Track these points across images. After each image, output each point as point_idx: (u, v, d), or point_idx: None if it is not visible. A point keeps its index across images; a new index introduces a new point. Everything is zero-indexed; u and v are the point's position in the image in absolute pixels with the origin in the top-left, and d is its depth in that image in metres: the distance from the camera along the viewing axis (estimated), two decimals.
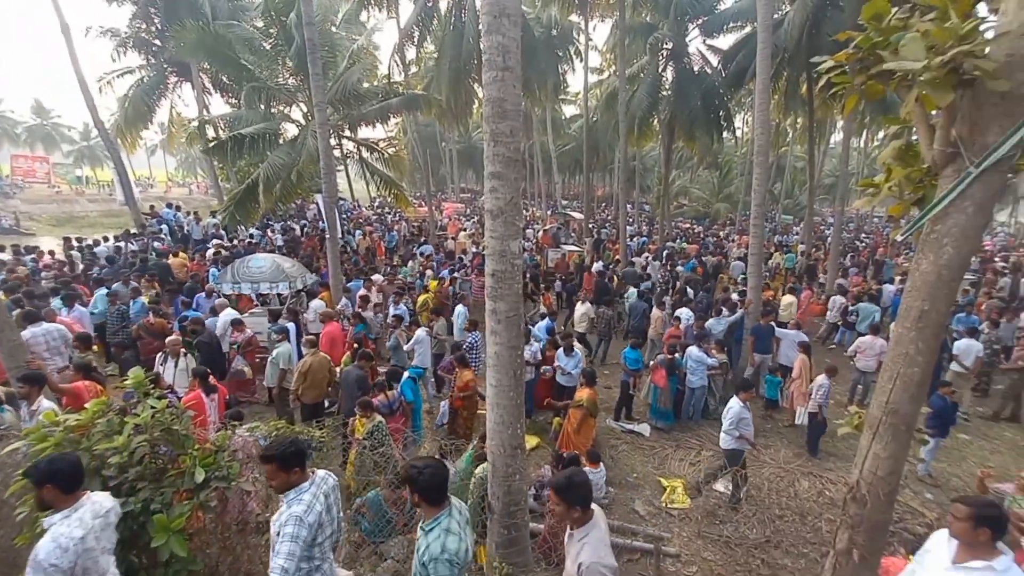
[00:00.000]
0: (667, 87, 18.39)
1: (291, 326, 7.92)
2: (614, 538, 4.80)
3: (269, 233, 17.95)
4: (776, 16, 13.32)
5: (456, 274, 13.23)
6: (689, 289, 12.55)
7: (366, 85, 16.67)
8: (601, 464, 6.05)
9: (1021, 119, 2.19)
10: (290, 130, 15.23)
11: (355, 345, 7.57)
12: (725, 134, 20.04)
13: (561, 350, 7.76)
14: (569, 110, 41.89)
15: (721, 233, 26.79)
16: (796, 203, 37.02)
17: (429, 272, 13.71)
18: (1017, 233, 39.62)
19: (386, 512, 4.46)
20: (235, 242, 15.95)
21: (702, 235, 26.28)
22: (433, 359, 8.50)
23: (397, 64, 18.62)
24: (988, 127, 2.27)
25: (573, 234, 23.65)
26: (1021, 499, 4.14)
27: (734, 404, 6.05)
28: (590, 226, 23.80)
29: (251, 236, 17.15)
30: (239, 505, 3.40)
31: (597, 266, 15.03)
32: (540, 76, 20.62)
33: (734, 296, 10.73)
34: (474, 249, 17.18)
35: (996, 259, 21.02)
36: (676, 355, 7.98)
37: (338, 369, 7.11)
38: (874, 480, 2.93)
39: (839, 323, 11.94)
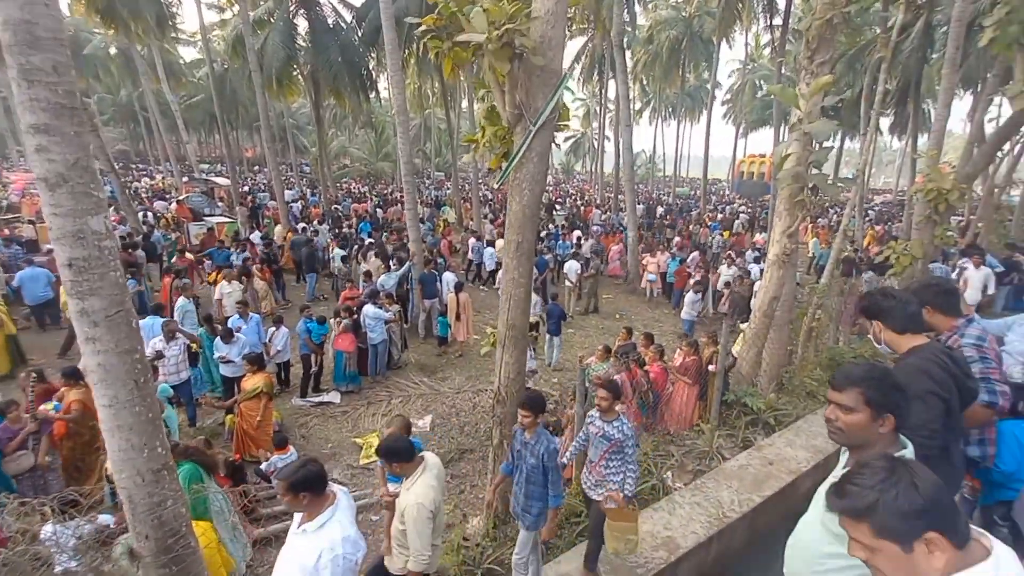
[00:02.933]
0: (305, 38, 17.27)
1: None
2: None
3: None
4: None
5: None
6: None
7: None
8: (291, 447, 5.68)
9: (554, 88, 2.89)
10: None
11: None
12: (372, 94, 20.40)
13: (219, 338, 6.72)
14: (190, 53, 34.78)
15: (387, 191, 27.87)
16: (446, 161, 41.63)
17: None
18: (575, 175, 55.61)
19: None
20: None
21: (368, 195, 26.72)
22: None
23: None
24: (536, 94, 2.94)
25: (221, 203, 20.38)
26: (599, 367, 5.95)
27: None
28: (245, 191, 20.94)
29: None
30: None
31: (255, 236, 13.44)
32: (132, 4, 16.15)
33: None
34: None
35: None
36: (356, 316, 8.04)
37: None
38: (508, 383, 3.65)
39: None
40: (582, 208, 25.42)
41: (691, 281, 10.93)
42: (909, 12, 12.06)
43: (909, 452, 1.51)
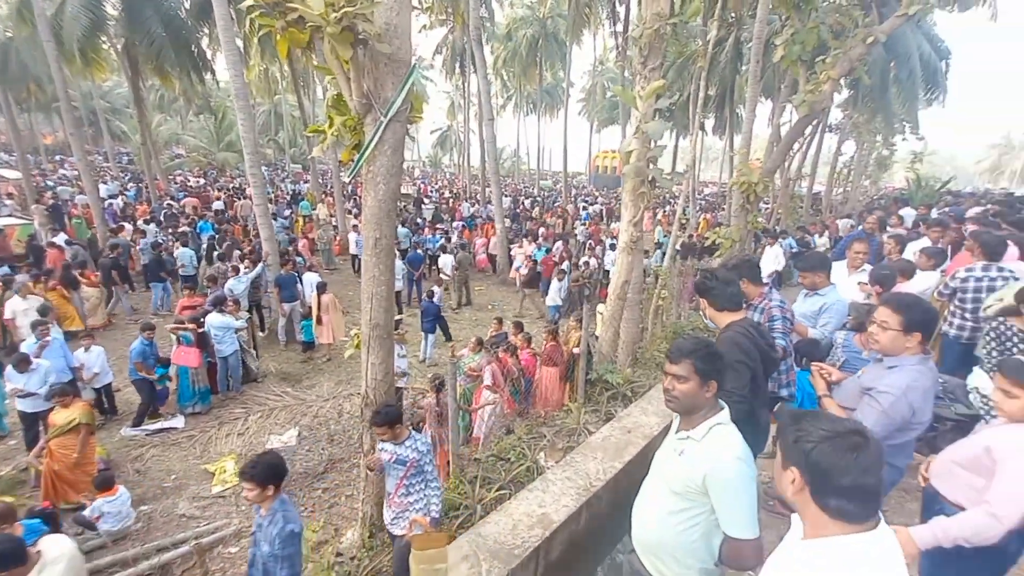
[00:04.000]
0: (116, 5, 14.61)
1: None
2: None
3: None
4: None
5: None
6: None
7: None
8: (119, 487, 4.85)
9: (404, 79, 2.80)
10: None
11: None
12: (208, 74, 18.00)
13: (11, 367, 5.47)
14: None
15: (231, 185, 24.91)
16: (302, 152, 38.48)
17: None
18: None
19: None
20: None
21: (207, 188, 23.66)
22: None
23: None
24: (385, 83, 2.81)
25: (10, 201, 16.54)
26: (471, 359, 6.01)
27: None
28: (47, 185, 17.20)
29: None
30: None
31: (60, 239, 11.15)
32: None
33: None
34: None
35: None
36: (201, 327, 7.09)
37: None
38: (376, 385, 3.49)
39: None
40: (451, 201, 25.39)
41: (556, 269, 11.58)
42: (722, 28, 13.99)
43: (725, 413, 1.75)
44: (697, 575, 1.77)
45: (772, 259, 8.78)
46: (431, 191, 31.58)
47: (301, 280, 9.38)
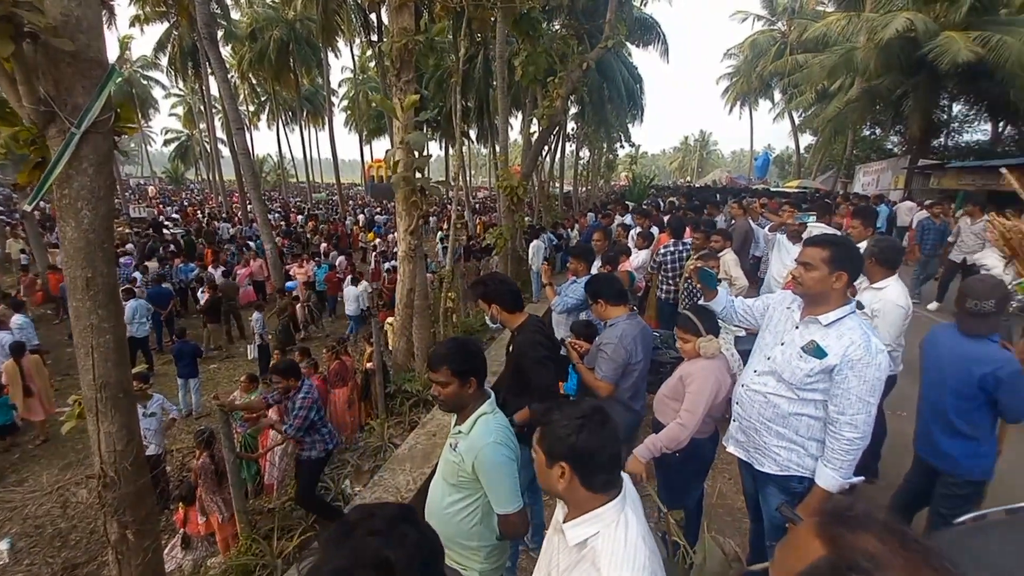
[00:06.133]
0: None
1: None
2: None
3: None
4: None
5: None
6: None
7: None
8: None
9: (100, 82, 2.31)
10: None
11: None
12: None
13: None
14: None
15: None
16: None
17: None
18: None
19: None
20: None
21: None
22: None
23: None
24: (73, 87, 2.28)
25: None
26: (246, 398, 5.30)
27: None
28: None
29: None
30: None
31: None
32: None
33: None
34: None
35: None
36: None
37: None
38: (116, 456, 2.82)
39: None
40: (207, 222, 21.88)
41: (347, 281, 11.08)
42: (472, 46, 15.19)
43: (490, 402, 1.94)
44: (486, 555, 1.93)
45: (535, 252, 9.94)
46: (173, 212, 26.62)
47: None
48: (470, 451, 1.81)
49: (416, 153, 5.15)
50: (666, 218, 7.54)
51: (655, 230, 7.09)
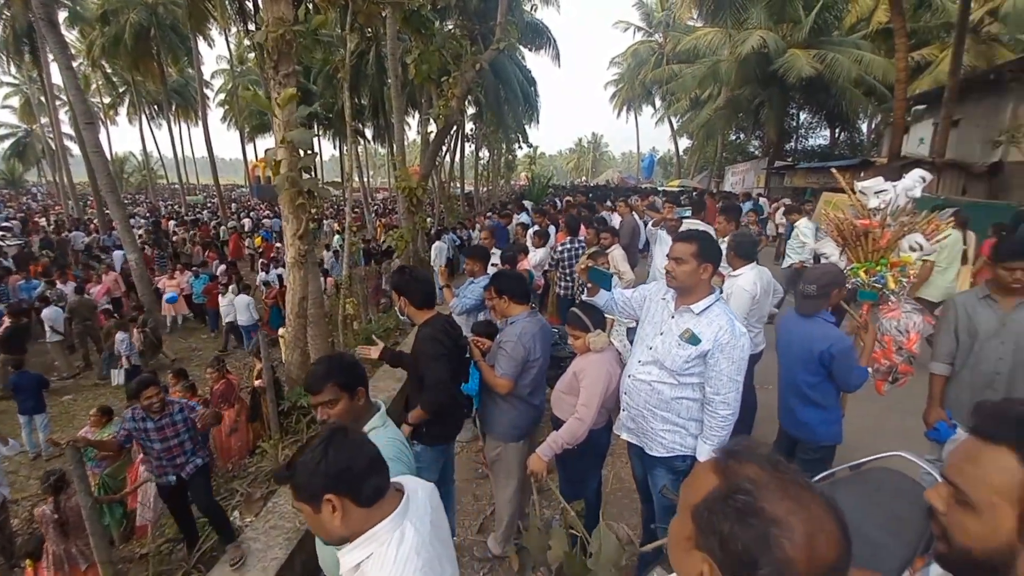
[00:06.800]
0: None
1: None
2: None
3: None
4: None
5: None
6: None
7: None
8: None
9: None
10: None
11: None
12: None
13: None
14: None
15: None
16: None
17: None
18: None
19: None
20: None
21: None
22: None
23: None
24: None
25: None
26: (100, 434, 4.64)
27: None
28: None
29: None
30: None
31: None
32: None
33: None
34: None
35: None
36: None
37: None
38: None
39: None
40: (51, 231, 18.82)
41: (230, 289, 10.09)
42: (362, 41, 14.60)
43: (380, 414, 1.86)
44: None
45: (437, 253, 9.84)
46: (5, 220, 22.57)
47: None
48: None
49: (301, 152, 4.83)
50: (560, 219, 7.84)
51: (552, 229, 7.34)
